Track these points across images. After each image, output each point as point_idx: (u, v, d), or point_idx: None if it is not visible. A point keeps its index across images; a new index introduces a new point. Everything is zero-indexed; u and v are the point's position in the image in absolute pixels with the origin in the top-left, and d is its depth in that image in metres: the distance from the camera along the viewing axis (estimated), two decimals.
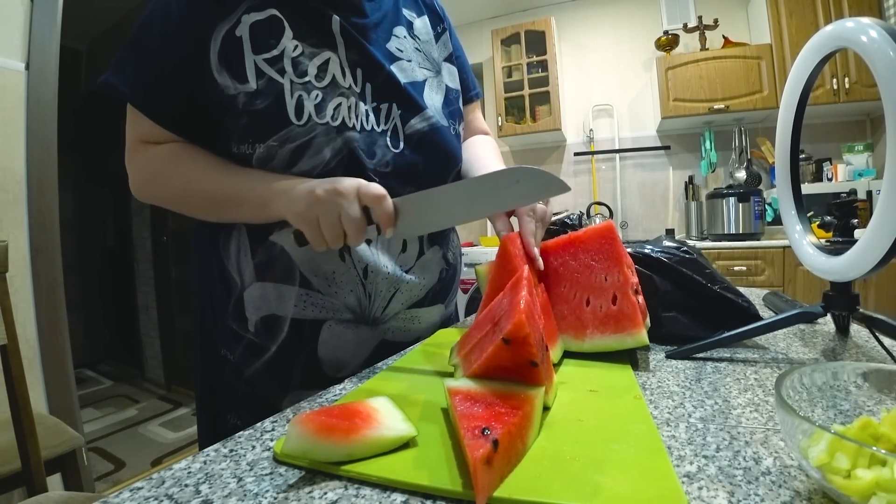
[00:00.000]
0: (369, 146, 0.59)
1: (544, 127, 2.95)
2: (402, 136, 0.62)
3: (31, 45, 1.57)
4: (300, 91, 0.55)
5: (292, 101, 0.54)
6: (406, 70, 0.64)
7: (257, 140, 0.55)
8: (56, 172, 1.65)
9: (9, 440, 0.99)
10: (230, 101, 0.54)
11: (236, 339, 0.62)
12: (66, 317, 1.66)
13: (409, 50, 0.65)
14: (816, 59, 0.51)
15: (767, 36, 2.45)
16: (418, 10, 0.71)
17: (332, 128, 0.56)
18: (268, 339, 0.60)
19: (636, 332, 0.48)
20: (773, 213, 2.50)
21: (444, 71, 0.70)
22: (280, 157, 0.55)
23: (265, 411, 0.43)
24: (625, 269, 0.51)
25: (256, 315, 0.60)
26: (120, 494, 0.28)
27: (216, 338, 0.64)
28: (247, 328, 0.61)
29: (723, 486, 0.26)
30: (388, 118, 0.61)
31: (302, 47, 0.56)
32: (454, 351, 0.46)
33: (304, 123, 0.54)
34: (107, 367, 3.60)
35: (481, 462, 0.25)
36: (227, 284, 0.62)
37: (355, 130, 0.58)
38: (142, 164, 0.58)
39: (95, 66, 3.54)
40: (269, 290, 0.59)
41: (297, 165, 0.55)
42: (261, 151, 0.55)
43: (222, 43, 0.54)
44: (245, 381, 0.61)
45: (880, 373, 0.31)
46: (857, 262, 0.44)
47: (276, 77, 0.54)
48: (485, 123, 0.85)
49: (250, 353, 0.61)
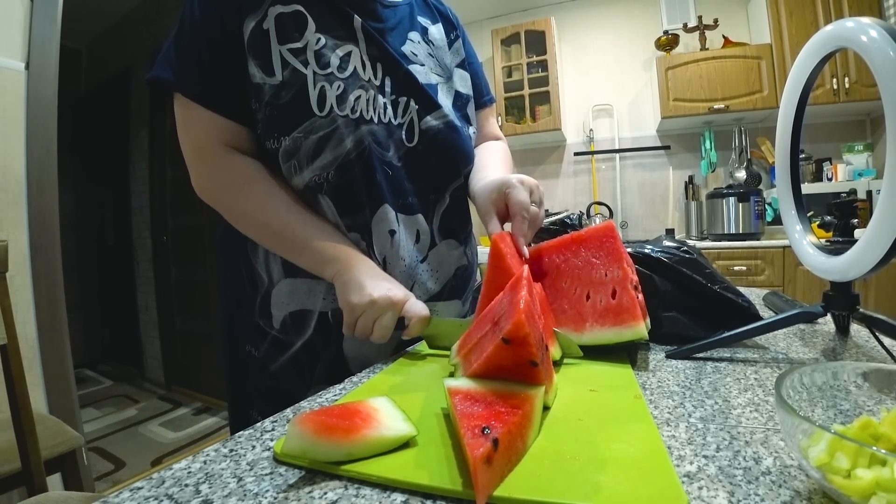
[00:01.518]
0: (385, 139, 0.61)
1: (544, 127, 2.95)
2: (418, 132, 0.64)
3: (31, 44, 1.57)
4: (323, 82, 0.57)
5: (315, 91, 0.56)
6: (420, 73, 0.66)
7: (283, 133, 0.57)
8: (56, 172, 1.65)
9: (9, 440, 0.99)
10: (258, 91, 0.56)
11: (262, 336, 0.64)
12: (65, 316, 1.66)
13: (422, 55, 0.68)
14: (816, 59, 0.51)
15: (767, 36, 2.45)
16: (433, 18, 0.73)
17: (351, 120, 0.58)
18: (294, 335, 0.62)
19: (635, 325, 0.48)
20: (773, 213, 2.50)
21: (456, 76, 0.72)
22: (305, 148, 0.57)
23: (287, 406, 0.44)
24: (624, 266, 0.51)
25: (285, 311, 0.62)
26: (120, 494, 0.28)
27: (241, 334, 0.66)
28: (272, 325, 0.63)
29: (723, 486, 0.26)
30: (405, 112, 0.63)
31: (325, 39, 0.58)
32: (454, 351, 0.46)
33: (326, 115, 0.57)
34: (107, 367, 3.60)
35: (481, 461, 0.25)
36: (255, 282, 0.64)
37: (373, 123, 0.60)
38: (216, 169, 0.59)
39: (95, 66, 3.54)
40: (298, 285, 0.62)
41: (321, 156, 0.58)
42: (287, 144, 0.57)
43: (251, 36, 0.56)
44: (269, 375, 0.64)
45: (880, 373, 0.31)
46: (857, 262, 0.44)
47: (300, 68, 0.56)
48: (498, 129, 0.86)
49: (275, 349, 0.63)
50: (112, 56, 3.33)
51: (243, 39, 0.56)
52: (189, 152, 0.60)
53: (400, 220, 0.63)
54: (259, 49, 0.56)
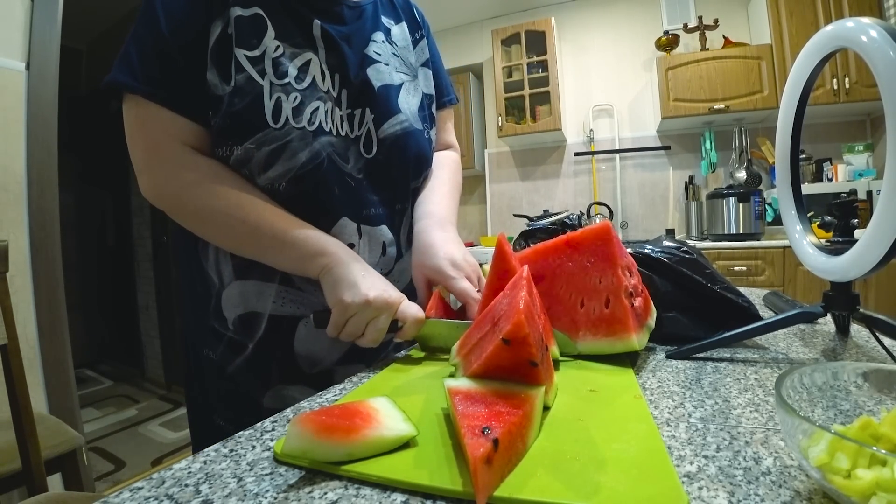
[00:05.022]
0: (344, 151, 0.60)
1: (544, 127, 2.95)
2: (376, 141, 0.63)
3: (31, 45, 1.57)
4: (279, 93, 0.55)
5: (270, 102, 0.54)
6: (383, 73, 0.64)
7: (235, 142, 0.55)
8: (56, 172, 1.65)
9: (9, 440, 0.99)
10: (216, 102, 0.54)
11: (217, 338, 0.62)
12: (66, 317, 1.66)
13: (386, 54, 0.66)
14: (816, 59, 0.51)
15: (767, 36, 2.45)
16: (396, 18, 0.71)
17: (308, 132, 0.56)
18: (246, 337, 0.60)
19: (626, 337, 0.47)
20: (773, 213, 2.50)
21: (421, 76, 0.71)
22: (257, 159, 0.55)
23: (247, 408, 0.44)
24: (618, 272, 0.50)
25: (235, 313, 0.60)
26: (120, 494, 0.28)
27: (199, 338, 0.64)
28: (227, 326, 0.61)
29: (723, 486, 0.26)
30: (361, 124, 0.62)
31: (283, 47, 0.56)
32: (455, 351, 0.46)
33: (280, 127, 0.55)
34: (107, 367, 3.60)
35: (481, 461, 0.25)
36: (207, 285, 0.62)
37: (332, 135, 0.59)
38: (180, 167, 0.55)
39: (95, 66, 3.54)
40: (248, 287, 0.60)
41: (272, 167, 0.55)
42: (238, 153, 0.55)
43: (215, 43, 0.54)
44: (227, 378, 0.62)
45: (880, 373, 0.31)
46: (857, 262, 0.44)
47: (257, 77, 0.54)
48: (453, 135, 0.84)
49: (230, 351, 0.61)
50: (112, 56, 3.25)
51: (208, 44, 0.53)
52: (142, 155, 0.55)
53: (363, 231, 0.61)
54: (221, 55, 0.54)
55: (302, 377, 0.61)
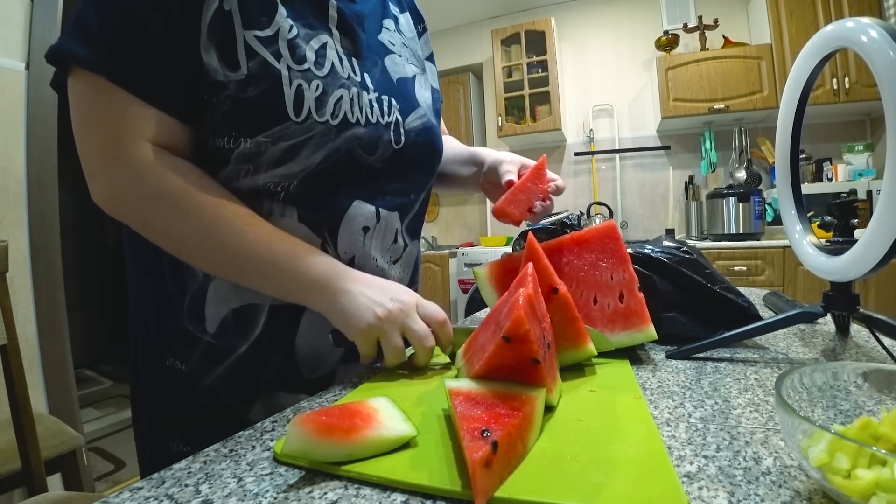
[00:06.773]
0: (372, 141, 0.54)
1: (544, 127, 2.95)
2: (403, 132, 0.58)
3: (31, 45, 1.57)
4: (299, 80, 0.48)
5: (291, 91, 0.47)
6: (398, 64, 0.60)
7: (244, 134, 0.47)
8: (56, 172, 1.65)
9: (9, 440, 0.99)
10: (216, 87, 0.46)
11: (190, 344, 0.52)
12: (66, 317, 1.66)
13: (398, 44, 0.62)
14: (816, 59, 0.51)
15: (767, 36, 2.45)
16: (401, 7, 0.68)
17: (331, 127, 0.50)
18: (237, 338, 0.52)
19: (645, 328, 0.49)
20: (773, 213, 2.50)
21: (428, 69, 0.69)
22: (268, 155, 0.48)
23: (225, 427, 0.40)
24: (630, 268, 0.52)
25: (226, 308, 0.52)
26: (120, 494, 0.28)
27: (159, 347, 0.54)
28: (205, 329, 0.52)
29: (723, 486, 0.26)
30: (390, 110, 0.57)
31: (297, 28, 0.49)
32: (460, 354, 0.46)
33: (302, 120, 0.48)
34: (107, 367, 3.60)
35: (480, 464, 0.25)
36: (182, 280, 0.52)
37: (359, 125, 0.52)
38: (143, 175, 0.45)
39: None
40: None
41: (285, 165, 0.49)
42: (247, 147, 0.47)
43: (212, 19, 0.45)
44: (202, 392, 0.53)
45: (880, 373, 0.31)
46: (857, 262, 0.44)
47: (272, 61, 0.46)
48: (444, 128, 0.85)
49: (208, 359, 0.52)
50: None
51: (200, 18, 0.45)
52: (97, 153, 0.45)
53: (381, 216, 0.57)
54: (220, 35, 0.45)
55: (300, 384, 0.54)
